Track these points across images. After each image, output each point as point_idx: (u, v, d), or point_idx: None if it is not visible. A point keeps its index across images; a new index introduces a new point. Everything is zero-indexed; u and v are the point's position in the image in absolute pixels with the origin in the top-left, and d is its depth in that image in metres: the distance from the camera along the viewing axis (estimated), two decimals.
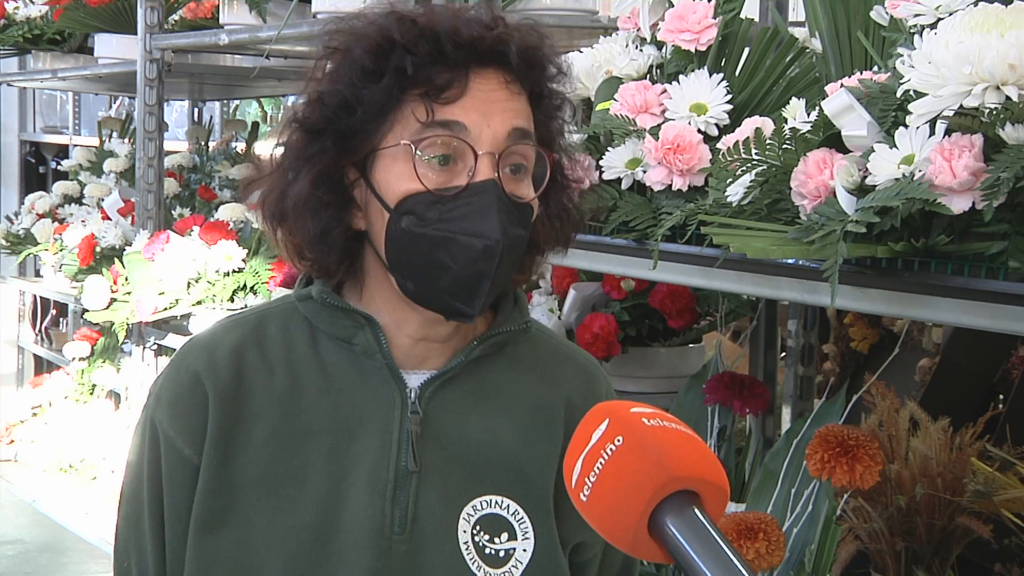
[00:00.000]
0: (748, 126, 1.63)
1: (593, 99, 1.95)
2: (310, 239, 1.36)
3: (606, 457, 1.03)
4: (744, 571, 0.97)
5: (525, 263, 1.42)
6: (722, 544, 0.99)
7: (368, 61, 1.32)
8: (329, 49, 1.36)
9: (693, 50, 1.84)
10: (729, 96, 1.78)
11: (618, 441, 1.03)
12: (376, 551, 1.33)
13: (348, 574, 1.33)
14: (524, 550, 1.38)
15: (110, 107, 7.44)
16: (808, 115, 1.58)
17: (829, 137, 1.45)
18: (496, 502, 1.38)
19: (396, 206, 1.32)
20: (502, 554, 1.37)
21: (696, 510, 1.00)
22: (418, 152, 1.30)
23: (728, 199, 1.54)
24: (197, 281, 3.99)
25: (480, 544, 1.36)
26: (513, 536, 1.38)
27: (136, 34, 4.26)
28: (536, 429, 1.42)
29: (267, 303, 1.49)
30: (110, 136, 6.34)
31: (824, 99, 1.47)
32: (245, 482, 1.35)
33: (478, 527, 1.37)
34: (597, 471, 1.03)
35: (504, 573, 1.37)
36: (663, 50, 1.91)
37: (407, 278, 1.34)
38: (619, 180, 1.79)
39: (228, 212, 4.33)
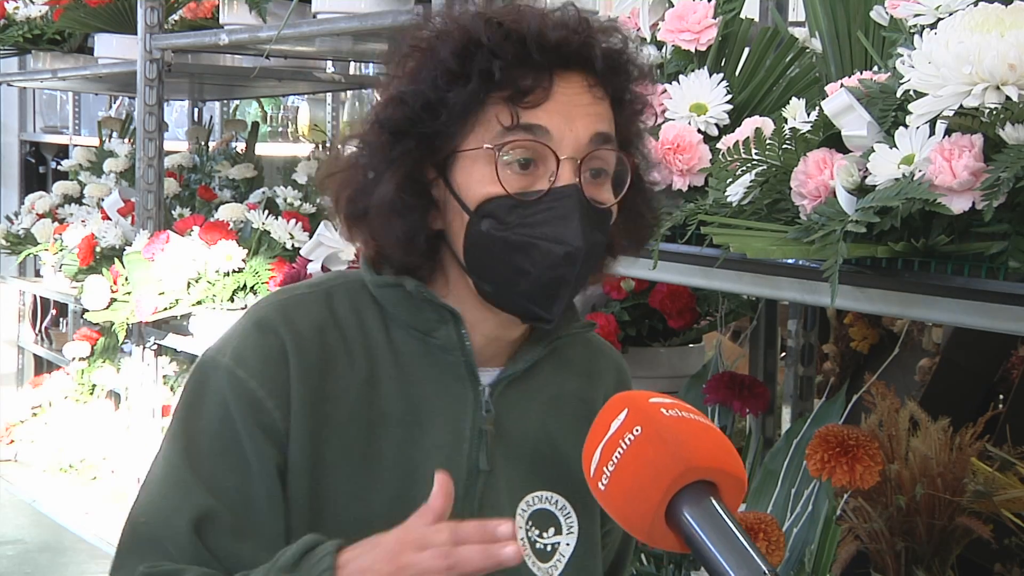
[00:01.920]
0: (748, 126, 1.63)
1: None
2: (395, 243, 1.34)
3: (624, 447, 1.04)
4: (759, 561, 0.98)
5: (599, 265, 1.42)
6: (738, 534, 1.00)
7: (453, 63, 1.30)
8: (413, 47, 1.35)
9: (693, 50, 1.84)
10: (729, 96, 1.78)
11: (636, 431, 1.04)
12: None
13: None
14: (568, 544, 1.40)
15: (110, 107, 7.43)
16: (808, 115, 1.58)
17: (829, 137, 1.45)
18: (546, 497, 1.40)
19: (476, 209, 1.31)
20: (549, 548, 1.39)
21: (713, 500, 1.01)
22: (501, 156, 1.29)
23: (728, 199, 1.55)
24: (197, 281, 3.98)
25: (532, 539, 1.38)
26: (559, 531, 1.40)
27: (136, 34, 4.25)
28: (580, 424, 1.41)
29: (325, 278, 1.45)
30: (110, 136, 6.33)
31: (824, 99, 1.47)
32: (325, 462, 1.33)
33: (530, 522, 1.38)
34: (615, 461, 1.04)
35: (550, 568, 1.38)
36: (663, 50, 1.91)
37: (485, 281, 1.33)
38: None
39: (228, 212, 4.32)
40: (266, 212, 4.10)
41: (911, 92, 1.34)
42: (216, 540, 1.30)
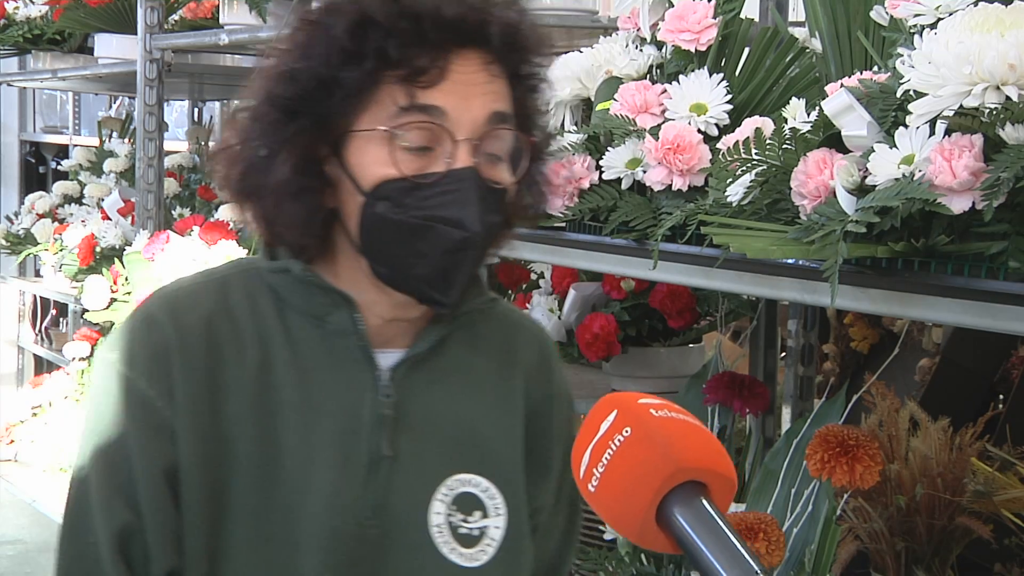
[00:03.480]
0: (748, 126, 1.63)
1: (593, 99, 1.95)
2: (292, 225, 1.32)
3: (614, 448, 1.03)
4: (751, 561, 0.98)
5: (495, 243, 1.40)
6: (729, 534, 0.99)
7: (347, 41, 1.27)
8: (302, 19, 1.32)
9: (693, 50, 1.84)
10: (729, 96, 1.78)
11: (626, 432, 1.03)
12: (347, 536, 1.31)
13: (317, 558, 1.31)
14: (496, 527, 1.37)
15: (110, 107, 7.43)
16: (808, 115, 1.58)
17: (829, 137, 1.45)
18: (468, 480, 1.37)
19: (372, 191, 1.28)
20: (476, 533, 1.36)
21: (704, 500, 1.01)
22: (396, 138, 1.27)
23: (728, 199, 1.54)
24: None
25: (454, 524, 1.35)
26: (485, 514, 1.37)
27: (136, 34, 4.25)
28: (499, 403, 1.41)
29: (224, 266, 1.43)
30: (110, 136, 6.33)
31: (824, 99, 1.47)
32: (223, 456, 1.31)
33: (454, 507, 1.36)
34: (605, 462, 1.04)
35: (479, 552, 1.36)
36: (663, 50, 1.91)
37: (381, 263, 1.31)
38: (619, 180, 1.79)
39: (228, 212, 4.32)
40: None
41: (911, 92, 1.34)
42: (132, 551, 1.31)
